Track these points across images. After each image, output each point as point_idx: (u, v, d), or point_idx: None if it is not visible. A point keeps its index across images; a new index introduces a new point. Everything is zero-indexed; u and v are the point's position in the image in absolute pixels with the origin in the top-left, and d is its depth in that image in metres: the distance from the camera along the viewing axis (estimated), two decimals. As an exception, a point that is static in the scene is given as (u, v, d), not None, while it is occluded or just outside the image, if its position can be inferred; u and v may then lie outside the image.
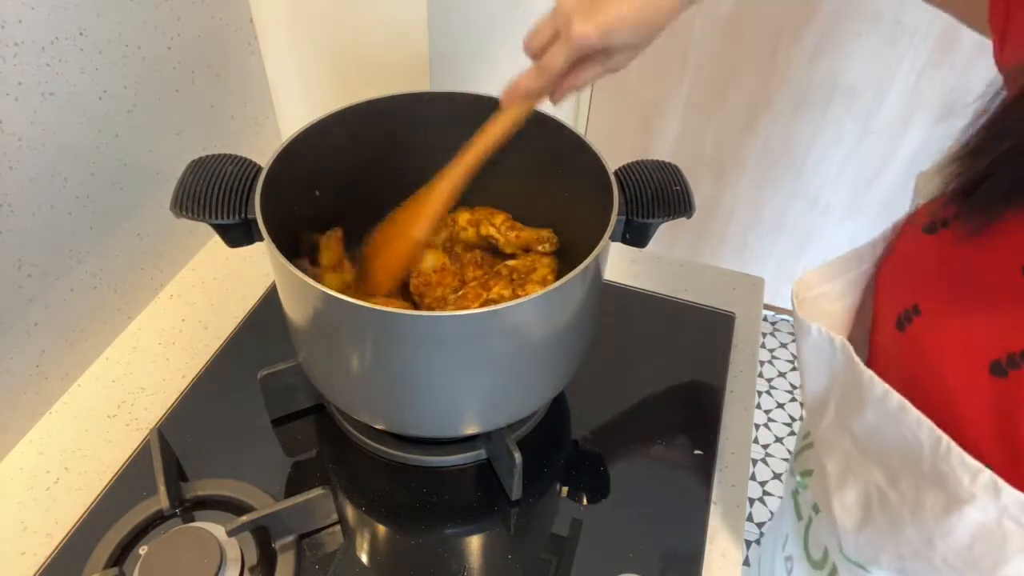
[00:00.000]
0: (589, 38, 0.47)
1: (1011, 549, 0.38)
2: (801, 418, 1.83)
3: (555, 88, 0.53)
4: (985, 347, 0.39)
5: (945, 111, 1.49)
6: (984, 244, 0.40)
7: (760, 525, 1.62)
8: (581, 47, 0.48)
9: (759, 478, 1.70)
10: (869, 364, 0.44)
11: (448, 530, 0.66)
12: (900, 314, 0.45)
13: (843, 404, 0.48)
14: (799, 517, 0.65)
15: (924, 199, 0.49)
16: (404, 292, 0.73)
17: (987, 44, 0.45)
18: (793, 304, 0.51)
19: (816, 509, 0.60)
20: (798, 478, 0.64)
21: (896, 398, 0.41)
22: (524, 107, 0.56)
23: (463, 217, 0.77)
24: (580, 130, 0.66)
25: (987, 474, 0.37)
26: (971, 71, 1.40)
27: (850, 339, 0.49)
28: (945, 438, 0.38)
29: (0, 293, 0.66)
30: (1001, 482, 0.36)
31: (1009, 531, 0.37)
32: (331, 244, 0.71)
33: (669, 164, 0.64)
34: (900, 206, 0.52)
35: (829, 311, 0.52)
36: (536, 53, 0.51)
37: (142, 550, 0.59)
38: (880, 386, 0.42)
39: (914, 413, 0.40)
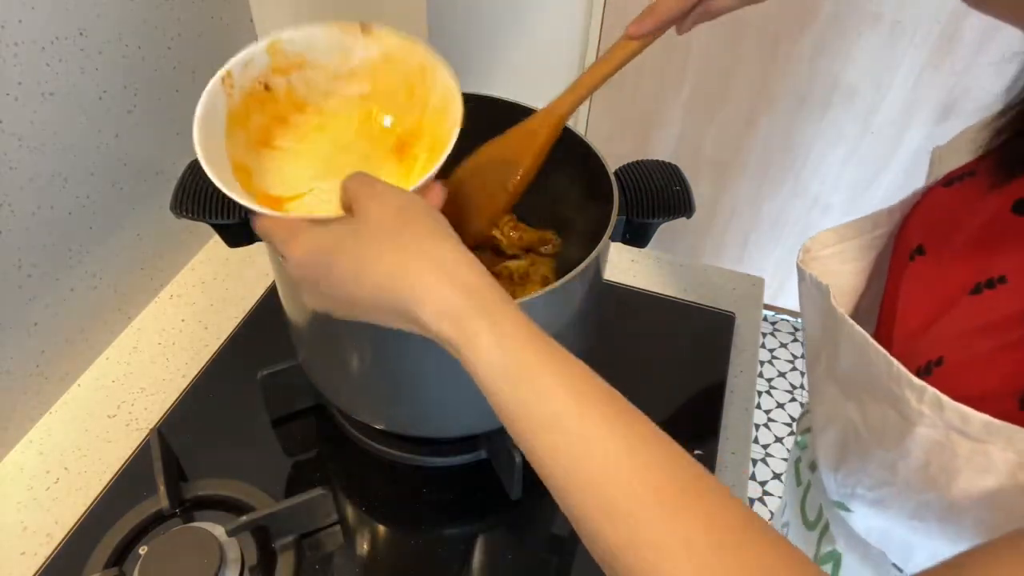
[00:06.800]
0: None
1: (960, 461, 0.39)
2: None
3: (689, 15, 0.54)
4: (972, 274, 0.43)
5: (945, 111, 1.49)
6: (986, 189, 0.45)
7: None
8: None
9: (759, 478, 1.70)
10: (883, 305, 0.48)
11: (448, 530, 0.66)
12: (908, 253, 0.50)
13: (830, 351, 0.50)
14: (798, 483, 0.67)
15: (947, 168, 0.51)
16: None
17: (987, 44, 0.45)
18: (799, 256, 0.52)
19: (813, 467, 0.61)
20: (798, 438, 0.66)
21: (860, 333, 0.44)
22: (648, 38, 0.54)
23: None
24: (580, 130, 0.66)
25: (931, 391, 0.39)
26: (971, 71, 1.40)
27: (861, 301, 0.53)
28: (895, 363, 0.41)
29: (0, 293, 0.66)
30: (944, 398, 0.38)
31: (956, 443, 0.39)
32: None
33: (669, 164, 0.64)
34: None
35: (839, 271, 0.54)
36: None
37: (142, 550, 0.59)
38: (847, 322, 0.45)
39: (873, 344, 0.43)
